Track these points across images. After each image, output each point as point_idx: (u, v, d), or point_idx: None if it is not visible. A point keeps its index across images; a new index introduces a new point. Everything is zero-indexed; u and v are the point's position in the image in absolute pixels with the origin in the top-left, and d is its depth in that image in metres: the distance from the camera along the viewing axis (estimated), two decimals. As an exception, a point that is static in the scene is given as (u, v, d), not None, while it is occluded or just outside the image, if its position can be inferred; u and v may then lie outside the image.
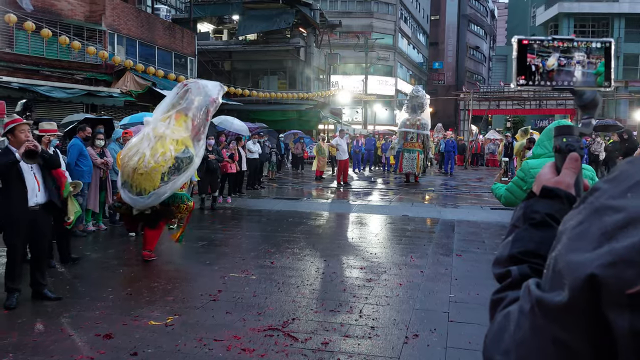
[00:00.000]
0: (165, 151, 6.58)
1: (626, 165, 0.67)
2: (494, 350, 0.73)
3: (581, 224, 0.65)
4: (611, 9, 40.50)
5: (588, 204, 0.66)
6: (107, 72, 18.97)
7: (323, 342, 4.34)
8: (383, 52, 44.80)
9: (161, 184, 6.56)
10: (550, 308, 0.64)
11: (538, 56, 1.02)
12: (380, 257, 7.40)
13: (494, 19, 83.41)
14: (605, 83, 1.02)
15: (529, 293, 0.69)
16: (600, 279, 0.58)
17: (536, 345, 0.66)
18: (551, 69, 1.02)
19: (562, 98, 34.69)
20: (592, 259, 0.59)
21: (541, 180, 0.96)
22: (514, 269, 0.84)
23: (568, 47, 1.02)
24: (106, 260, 7.25)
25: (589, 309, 0.59)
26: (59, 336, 4.40)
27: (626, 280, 0.56)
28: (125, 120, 12.78)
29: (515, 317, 0.71)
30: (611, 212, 0.62)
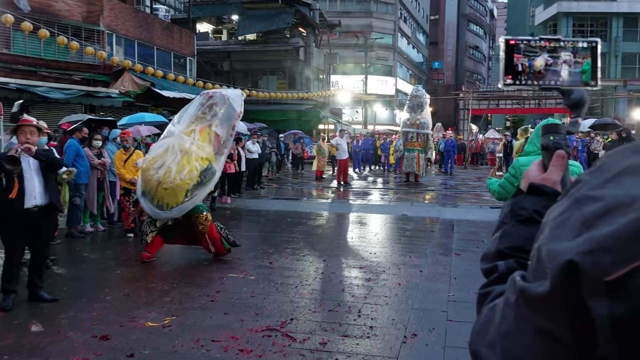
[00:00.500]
0: (192, 169, 6.63)
1: (607, 158, 0.68)
2: (480, 343, 0.74)
3: (562, 214, 0.66)
4: (610, 8, 40.49)
5: (570, 196, 0.67)
6: (105, 73, 18.94)
7: (321, 342, 4.31)
8: (383, 52, 44.78)
9: (185, 199, 6.61)
10: (533, 298, 0.64)
11: (525, 56, 1.03)
12: (379, 257, 7.37)
13: (494, 18, 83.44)
14: (592, 82, 1.03)
15: (514, 284, 0.70)
16: (579, 266, 0.59)
17: (521, 336, 0.66)
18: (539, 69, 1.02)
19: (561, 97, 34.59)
20: (572, 247, 0.60)
21: (528, 177, 0.98)
22: (500, 264, 0.86)
23: (555, 46, 1.02)
24: (104, 261, 7.22)
25: (571, 297, 0.60)
26: (55, 337, 4.37)
27: (604, 268, 0.57)
28: (124, 120, 12.77)
29: (501, 309, 0.72)
30: (590, 202, 0.63)
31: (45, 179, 5.37)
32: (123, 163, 8.65)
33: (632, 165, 0.63)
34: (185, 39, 24.77)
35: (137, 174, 8.64)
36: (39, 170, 5.33)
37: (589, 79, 1.02)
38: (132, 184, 8.63)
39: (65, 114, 15.06)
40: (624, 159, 0.65)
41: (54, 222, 6.39)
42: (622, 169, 0.64)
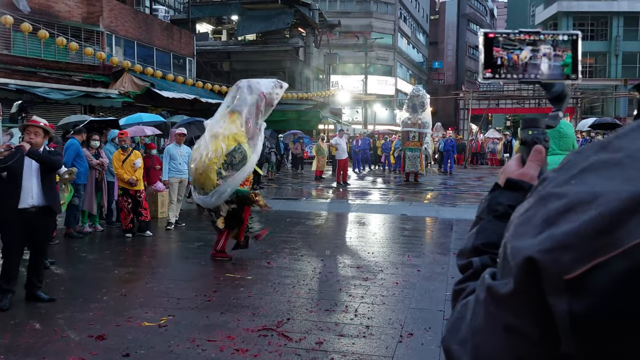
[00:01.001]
0: (217, 148, 6.76)
1: (573, 155, 0.68)
2: (451, 340, 0.74)
3: (527, 211, 0.66)
4: (610, 7, 40.46)
5: (536, 193, 0.67)
6: (105, 73, 18.96)
7: (317, 341, 4.31)
8: (382, 52, 44.77)
9: (219, 181, 6.71)
10: (499, 296, 0.64)
11: (504, 49, 1.02)
12: (377, 257, 7.37)
13: (494, 18, 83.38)
14: (573, 75, 1.02)
15: (483, 282, 0.70)
16: (539, 264, 0.58)
17: (490, 333, 0.66)
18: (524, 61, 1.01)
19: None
20: (533, 244, 0.60)
21: (506, 172, 0.97)
22: (475, 260, 0.85)
23: (534, 40, 1.01)
24: (101, 261, 7.22)
25: (533, 295, 0.60)
26: (51, 337, 4.37)
27: (564, 266, 0.57)
28: (122, 121, 12.76)
29: (472, 306, 0.72)
30: (554, 199, 0.62)
31: (44, 180, 5.37)
32: (121, 163, 8.65)
33: (597, 162, 0.63)
34: (185, 39, 24.79)
35: (135, 174, 8.66)
36: (38, 170, 5.34)
37: (570, 73, 1.01)
38: (130, 184, 8.63)
39: (65, 114, 15.07)
40: (589, 156, 0.65)
41: (53, 223, 6.40)
42: (586, 165, 0.63)
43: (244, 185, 7.06)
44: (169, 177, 9.67)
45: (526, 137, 0.99)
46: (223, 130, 6.87)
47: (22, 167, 5.25)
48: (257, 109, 7.10)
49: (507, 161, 1.04)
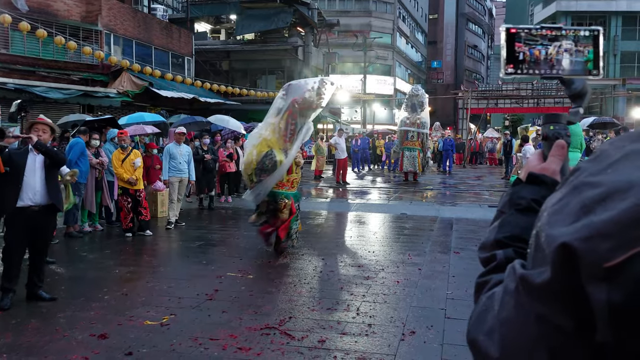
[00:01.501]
0: (250, 155, 7.18)
1: (607, 146, 0.68)
2: (478, 331, 0.74)
3: (560, 200, 0.65)
4: (608, 7, 40.49)
5: (568, 183, 0.67)
6: (104, 73, 18.92)
7: (320, 340, 4.31)
8: (381, 51, 44.74)
9: (253, 184, 7.14)
10: (533, 286, 0.64)
11: (526, 45, 1.01)
12: (378, 255, 7.37)
13: (492, 17, 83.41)
14: (594, 71, 1.01)
15: (514, 272, 0.69)
16: (578, 252, 0.58)
17: (520, 323, 0.66)
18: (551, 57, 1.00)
19: (559, 96, 34.68)
20: (569, 232, 0.60)
21: (528, 167, 0.98)
22: (499, 253, 0.85)
23: (556, 35, 1.01)
24: (102, 260, 7.21)
25: (570, 283, 0.59)
26: (53, 336, 4.36)
27: (603, 254, 0.56)
28: (124, 119, 12.74)
29: (500, 297, 0.71)
30: (589, 188, 0.62)
31: (48, 178, 5.37)
32: (121, 163, 8.63)
33: (631, 152, 0.63)
34: (184, 38, 24.77)
35: (135, 174, 8.64)
36: (42, 168, 5.33)
37: (592, 68, 1.01)
38: (129, 183, 8.62)
39: (64, 113, 15.06)
40: (622, 146, 0.65)
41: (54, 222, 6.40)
42: (621, 155, 0.63)
43: (284, 187, 7.31)
44: (169, 176, 9.65)
45: (548, 132, 0.99)
46: (258, 137, 7.24)
47: (25, 164, 5.24)
48: (290, 115, 7.26)
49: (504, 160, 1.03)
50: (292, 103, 7.22)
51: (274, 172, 7.02)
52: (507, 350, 0.68)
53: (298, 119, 7.27)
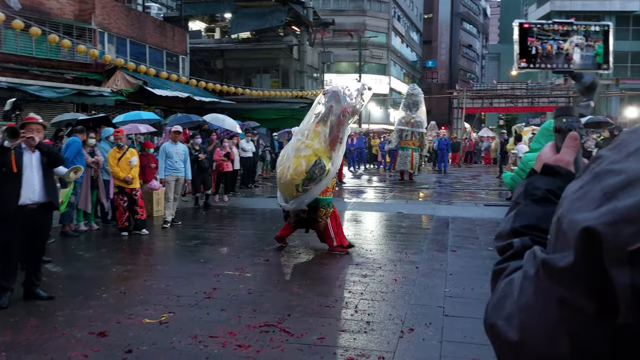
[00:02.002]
0: (298, 165, 7.15)
1: (627, 135, 0.68)
2: (496, 317, 0.75)
3: (582, 188, 0.67)
4: (602, 6, 40.79)
5: (590, 171, 0.68)
6: (98, 71, 18.83)
7: (319, 337, 4.32)
8: (376, 51, 44.79)
9: (298, 193, 7.16)
10: (555, 269, 0.65)
11: (538, 39, 1.02)
12: (375, 254, 7.39)
13: (487, 17, 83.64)
14: (604, 65, 1.02)
15: (534, 257, 0.70)
16: (601, 236, 0.59)
17: (541, 308, 0.67)
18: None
19: (553, 96, 34.86)
20: (593, 217, 0.61)
21: (542, 158, 0.99)
22: (516, 241, 0.86)
23: (567, 30, 1.02)
24: (99, 259, 7.19)
25: (593, 266, 0.60)
26: (52, 334, 4.35)
27: (626, 237, 0.57)
28: (120, 118, 12.70)
29: (519, 283, 0.72)
30: (611, 175, 0.63)
31: (45, 176, 5.37)
32: (117, 161, 8.60)
33: None
34: (178, 37, 24.69)
35: (131, 172, 8.62)
36: (39, 166, 5.33)
37: (601, 62, 1.02)
38: (125, 182, 8.59)
39: (58, 113, 14.98)
40: None
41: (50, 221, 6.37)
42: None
43: (327, 193, 7.42)
44: (165, 175, 9.63)
45: (560, 124, 1.01)
46: (304, 147, 7.24)
47: (22, 163, 5.22)
48: (339, 123, 7.30)
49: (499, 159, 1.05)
50: (344, 112, 7.22)
51: (322, 181, 7.10)
52: (527, 334, 0.69)
53: (344, 125, 7.34)
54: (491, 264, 3.97)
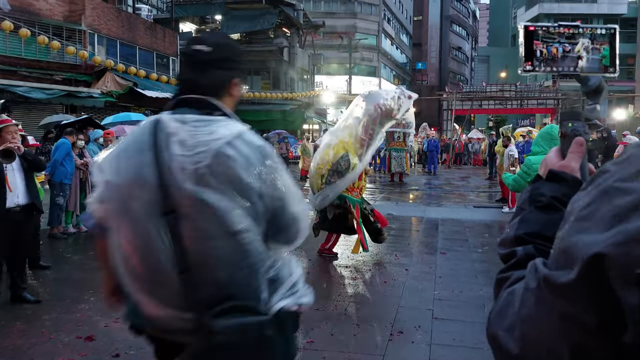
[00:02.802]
0: (325, 155, 7.07)
1: (636, 149, 0.67)
2: (498, 327, 0.74)
3: (589, 205, 0.65)
4: (590, 9, 41.22)
5: (596, 186, 0.66)
6: (87, 73, 18.73)
7: (308, 340, 4.31)
8: (367, 53, 44.92)
9: (323, 185, 6.99)
10: (557, 285, 0.64)
11: (543, 42, 1.01)
12: (364, 256, 7.39)
13: (476, 20, 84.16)
14: (610, 68, 1.01)
15: (535, 271, 0.70)
16: (610, 257, 0.58)
17: (542, 320, 0.66)
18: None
19: (542, 98, 35.13)
20: (603, 239, 0.60)
21: (547, 164, 0.97)
22: (519, 249, 0.85)
23: (573, 33, 1.01)
24: (87, 262, 7.13)
25: (597, 286, 0.60)
26: (39, 339, 4.31)
27: (636, 258, 0.57)
28: (109, 119, 12.63)
29: (520, 294, 0.71)
30: (621, 194, 0.62)
31: (27, 178, 5.34)
32: None
33: None
34: (168, 38, 24.62)
35: None
36: (20, 168, 5.29)
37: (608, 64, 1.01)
38: None
39: (47, 114, 14.88)
40: None
41: (37, 224, 6.32)
42: None
43: (352, 192, 7.21)
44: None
45: (566, 129, 0.99)
46: (335, 138, 7.18)
47: (3, 167, 5.18)
48: (370, 119, 7.22)
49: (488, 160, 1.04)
50: (375, 108, 7.19)
51: (346, 175, 6.94)
52: (528, 347, 0.68)
53: (377, 125, 7.26)
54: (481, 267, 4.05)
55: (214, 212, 1.51)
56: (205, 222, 1.53)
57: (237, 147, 1.57)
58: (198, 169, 1.52)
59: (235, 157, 1.55)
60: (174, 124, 1.60)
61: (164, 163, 1.55)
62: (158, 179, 1.55)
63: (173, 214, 1.53)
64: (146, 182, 1.56)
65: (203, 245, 1.54)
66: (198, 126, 1.60)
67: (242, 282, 1.59)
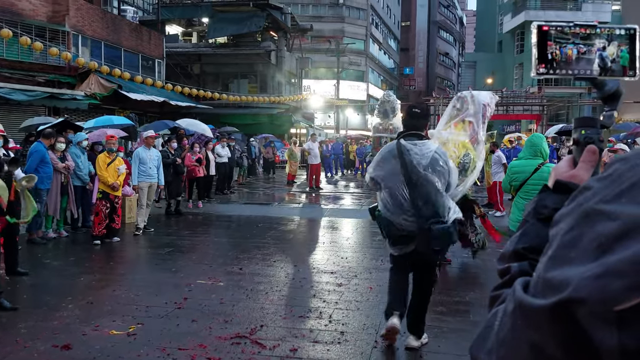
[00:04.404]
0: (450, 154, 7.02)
1: (620, 163, 0.61)
2: (479, 349, 0.70)
3: (572, 229, 0.60)
4: (575, 17, 41.60)
5: (578, 205, 0.61)
6: (71, 74, 18.47)
7: (291, 348, 4.23)
8: (354, 57, 45.00)
9: None
10: (530, 313, 0.60)
11: (556, 43, 0.95)
12: (351, 262, 7.32)
13: (463, 26, 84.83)
14: (630, 72, 0.94)
15: (513, 294, 0.65)
16: (585, 293, 0.53)
17: (514, 347, 0.62)
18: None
19: (528, 104, 35.44)
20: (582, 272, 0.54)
21: (556, 173, 0.92)
22: (514, 266, 0.80)
23: (589, 33, 0.94)
24: (67, 268, 6.98)
25: (570, 323, 0.54)
26: (14, 347, 4.18)
27: (614, 294, 0.51)
28: (91, 123, 12.41)
29: (500, 317, 0.67)
30: (604, 219, 0.56)
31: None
32: (106, 166, 8.47)
33: None
34: (154, 40, 24.40)
35: (119, 179, 8.51)
36: None
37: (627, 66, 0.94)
38: (113, 188, 8.44)
39: (28, 116, 14.62)
40: (635, 165, 0.59)
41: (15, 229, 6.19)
42: (635, 180, 0.57)
43: None
44: (138, 181, 9.44)
45: (579, 137, 0.93)
46: (453, 136, 7.17)
47: None
48: (482, 119, 7.29)
49: None
50: (485, 107, 7.25)
51: (472, 173, 6.98)
52: None
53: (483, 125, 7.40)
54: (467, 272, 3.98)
55: (430, 182, 3.90)
56: (426, 186, 3.91)
57: (438, 154, 3.97)
58: (424, 163, 3.91)
59: (438, 158, 3.94)
60: (408, 144, 4.00)
61: (405, 161, 3.93)
62: (402, 168, 3.94)
63: (410, 184, 3.93)
64: (397, 170, 3.97)
65: (425, 195, 3.90)
66: (420, 145, 4.00)
67: (439, 209, 3.92)
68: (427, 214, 3.92)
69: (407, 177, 3.93)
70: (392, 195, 4.03)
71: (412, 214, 3.97)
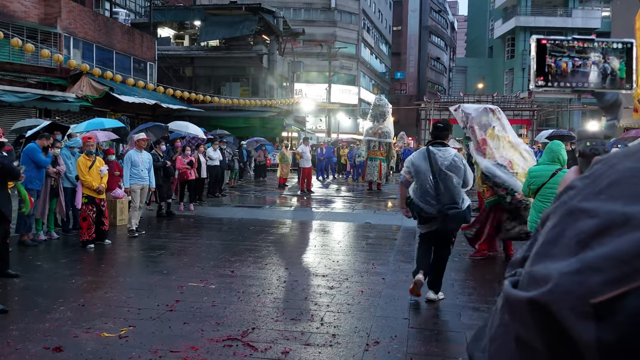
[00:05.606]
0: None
1: (600, 164, 0.64)
2: (475, 348, 0.72)
3: (555, 226, 0.62)
4: (565, 23, 42.21)
5: (562, 203, 0.64)
6: (62, 76, 18.40)
7: (283, 351, 4.26)
8: (346, 61, 45.13)
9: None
10: (515, 305, 0.62)
11: (551, 56, 0.98)
12: (342, 265, 7.36)
13: (454, 31, 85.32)
14: (627, 85, 0.98)
15: (503, 289, 0.68)
16: (565, 288, 0.55)
17: (503, 343, 0.64)
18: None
19: (518, 109, 35.70)
20: (563, 267, 0.57)
21: (564, 184, 0.94)
22: (520, 271, 0.82)
23: (585, 47, 0.98)
24: (58, 270, 6.96)
25: (550, 316, 0.57)
26: (5, 350, 4.17)
27: (591, 288, 0.53)
28: (82, 126, 12.35)
29: (492, 314, 0.70)
30: (584, 217, 0.59)
31: None
32: (88, 169, 8.31)
33: (623, 176, 0.59)
34: (146, 43, 24.36)
35: (102, 182, 8.39)
36: None
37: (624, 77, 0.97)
38: (98, 192, 8.33)
39: (19, 117, 14.55)
40: (615, 164, 0.61)
41: (6, 231, 6.16)
42: (614, 178, 0.60)
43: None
44: (130, 184, 9.41)
45: (584, 148, 0.94)
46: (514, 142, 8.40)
47: None
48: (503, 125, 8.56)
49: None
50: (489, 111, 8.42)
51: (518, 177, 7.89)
52: None
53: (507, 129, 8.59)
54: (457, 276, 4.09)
55: (450, 178, 5.31)
56: (447, 181, 5.30)
57: (457, 157, 5.44)
58: (446, 164, 5.33)
59: (456, 160, 5.40)
60: (434, 149, 5.44)
61: (432, 162, 5.33)
62: (430, 167, 5.33)
63: (435, 178, 5.29)
64: (425, 168, 5.36)
65: (445, 187, 5.29)
66: (443, 150, 5.45)
67: (456, 198, 5.33)
68: (446, 201, 5.27)
69: (433, 173, 5.31)
70: (421, 186, 5.37)
71: (435, 200, 5.29)
